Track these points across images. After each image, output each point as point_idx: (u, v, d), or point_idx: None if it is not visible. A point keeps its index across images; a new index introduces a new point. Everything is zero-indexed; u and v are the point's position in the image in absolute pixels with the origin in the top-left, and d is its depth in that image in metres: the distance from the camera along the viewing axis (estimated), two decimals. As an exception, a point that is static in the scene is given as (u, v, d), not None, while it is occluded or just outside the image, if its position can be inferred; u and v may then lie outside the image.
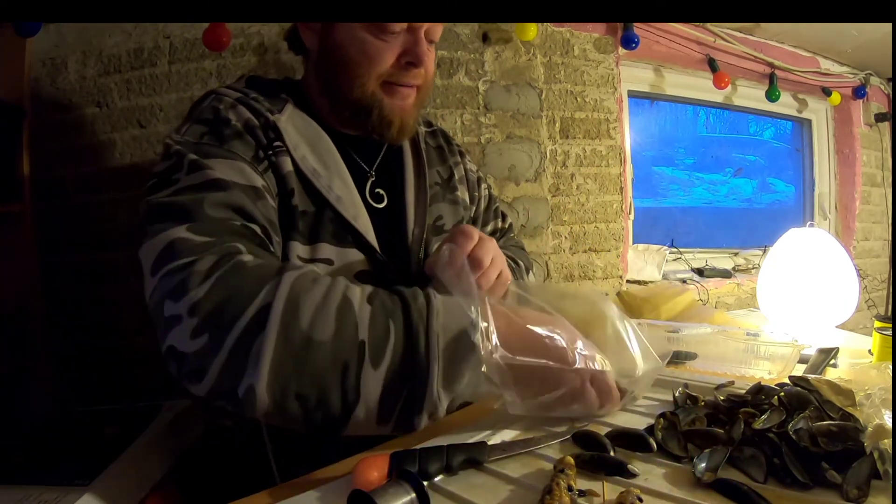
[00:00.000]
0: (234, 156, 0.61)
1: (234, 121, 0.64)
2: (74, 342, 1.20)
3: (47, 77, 1.21)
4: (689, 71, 1.94)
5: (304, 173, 0.67)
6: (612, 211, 1.65)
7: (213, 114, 0.65)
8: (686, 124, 2.25)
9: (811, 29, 1.94)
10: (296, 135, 0.69)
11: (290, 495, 0.46)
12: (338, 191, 0.68)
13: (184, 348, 0.48)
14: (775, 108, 2.21)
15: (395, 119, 0.72)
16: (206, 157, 0.59)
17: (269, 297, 0.47)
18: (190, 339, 0.47)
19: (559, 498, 0.40)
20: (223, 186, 0.57)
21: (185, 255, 0.50)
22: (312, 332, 0.47)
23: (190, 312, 0.47)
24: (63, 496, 0.59)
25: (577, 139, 1.59)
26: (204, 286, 0.48)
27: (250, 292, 0.48)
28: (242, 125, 0.65)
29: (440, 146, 0.89)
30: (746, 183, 2.42)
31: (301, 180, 0.67)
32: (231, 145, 0.62)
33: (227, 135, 0.63)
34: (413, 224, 0.76)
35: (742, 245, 2.24)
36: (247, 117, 0.66)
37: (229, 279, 0.48)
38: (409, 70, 0.70)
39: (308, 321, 0.47)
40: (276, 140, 0.66)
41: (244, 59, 1.27)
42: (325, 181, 0.68)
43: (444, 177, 0.86)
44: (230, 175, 0.59)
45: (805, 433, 0.48)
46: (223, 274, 0.49)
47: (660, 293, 1.63)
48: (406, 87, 0.72)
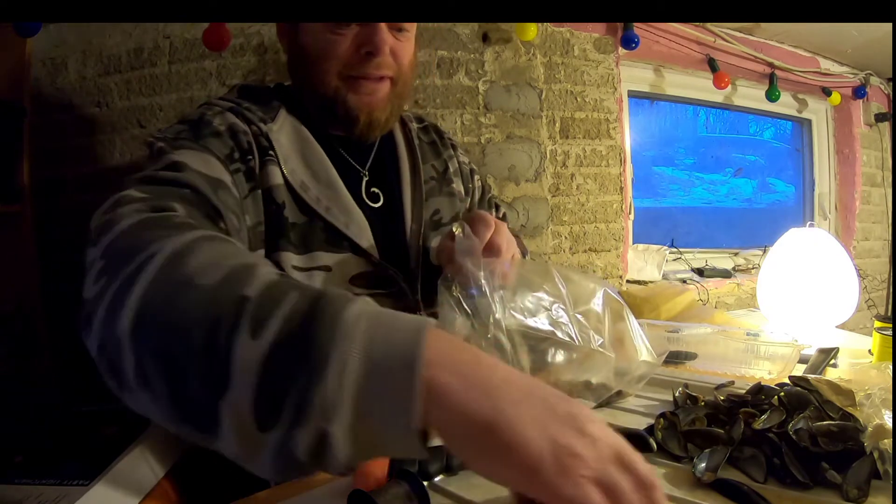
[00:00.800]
0: (204, 150, 0.60)
1: (217, 124, 0.64)
2: (74, 342, 1.19)
3: (47, 77, 1.21)
4: (689, 71, 1.94)
5: (293, 186, 0.66)
6: (612, 211, 1.65)
7: (198, 116, 0.65)
8: (686, 124, 2.25)
9: (811, 29, 1.94)
10: (288, 145, 0.69)
11: (290, 495, 0.46)
12: (327, 202, 0.68)
13: (86, 294, 0.40)
14: (775, 108, 2.21)
15: (362, 114, 0.70)
16: (175, 148, 0.58)
17: (170, 244, 0.38)
18: (93, 284, 0.40)
19: None
20: (179, 167, 0.55)
21: (121, 204, 0.46)
22: (196, 276, 0.36)
23: (102, 255, 0.41)
24: (63, 496, 0.59)
25: (578, 139, 1.59)
26: (120, 226, 0.42)
27: (158, 237, 0.39)
28: (225, 128, 0.64)
29: (433, 141, 0.89)
30: (746, 183, 2.42)
31: (291, 193, 0.67)
32: (206, 142, 0.61)
33: (205, 133, 0.62)
34: (411, 220, 0.76)
35: (742, 245, 2.24)
36: (232, 122, 0.65)
37: (148, 223, 0.43)
38: (369, 60, 0.68)
39: (198, 264, 0.36)
40: (270, 150, 0.66)
41: (244, 59, 1.27)
42: (314, 193, 0.68)
43: (440, 170, 0.86)
44: (194, 163, 0.57)
45: (805, 433, 0.48)
46: (145, 219, 0.43)
47: (660, 293, 1.63)
48: (371, 81, 0.70)
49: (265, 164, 0.65)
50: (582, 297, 0.60)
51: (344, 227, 0.68)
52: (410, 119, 0.88)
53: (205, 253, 0.38)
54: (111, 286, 0.37)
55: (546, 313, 0.57)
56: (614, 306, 0.61)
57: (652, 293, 1.63)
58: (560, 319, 0.57)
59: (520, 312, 0.55)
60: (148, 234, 0.40)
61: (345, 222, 0.68)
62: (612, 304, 0.61)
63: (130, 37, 1.23)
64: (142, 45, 1.23)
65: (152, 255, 0.37)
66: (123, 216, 0.43)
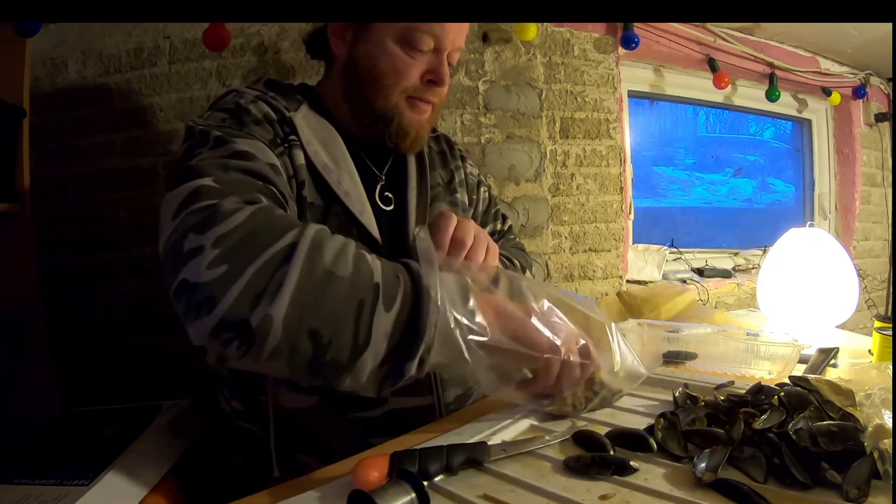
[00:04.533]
0: (253, 137, 0.64)
1: (254, 111, 0.68)
2: (74, 342, 1.20)
3: (47, 77, 1.21)
4: (689, 71, 1.94)
5: (315, 167, 0.69)
6: (612, 211, 1.65)
7: (235, 105, 0.68)
8: (686, 124, 2.25)
9: (811, 29, 1.94)
10: (309, 131, 0.72)
11: (290, 495, 0.46)
12: (346, 186, 0.71)
13: (198, 279, 0.46)
14: (775, 108, 2.21)
15: (412, 131, 0.76)
16: (230, 136, 0.62)
17: (296, 238, 0.48)
18: (206, 270, 0.46)
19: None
20: (248, 157, 0.60)
21: (211, 196, 0.51)
22: (335, 268, 0.48)
23: (215, 244, 0.47)
24: (63, 496, 0.59)
25: (577, 139, 1.59)
26: (233, 220, 0.48)
27: (278, 232, 0.48)
28: (262, 116, 0.68)
29: (442, 151, 0.92)
30: (746, 183, 2.42)
31: (312, 174, 0.69)
32: (251, 129, 0.66)
33: (247, 121, 0.67)
34: (414, 225, 0.77)
35: (742, 245, 2.24)
36: (265, 111, 0.69)
37: (259, 216, 0.50)
38: (431, 88, 0.74)
39: (331, 259, 0.48)
40: (291, 134, 0.70)
41: (244, 59, 1.27)
42: (335, 176, 0.71)
43: (445, 180, 0.89)
44: (253, 150, 0.62)
45: (805, 433, 0.48)
46: (254, 211, 0.50)
47: (660, 293, 1.63)
48: (425, 103, 0.76)
49: (290, 145, 0.69)
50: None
51: (358, 214, 0.71)
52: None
53: (329, 246, 0.49)
54: (244, 272, 0.45)
55: None
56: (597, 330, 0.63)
57: (652, 293, 1.64)
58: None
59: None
60: (265, 228, 0.49)
61: (360, 210, 0.71)
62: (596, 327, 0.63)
63: (130, 37, 1.23)
64: (142, 45, 1.23)
65: (291, 248, 0.47)
66: (227, 209, 0.49)
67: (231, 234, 0.47)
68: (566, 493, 0.44)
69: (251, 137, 0.64)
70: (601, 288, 1.64)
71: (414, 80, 0.73)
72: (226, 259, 0.46)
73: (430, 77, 0.74)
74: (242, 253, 0.46)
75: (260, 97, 0.70)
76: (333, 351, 0.47)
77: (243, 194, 0.53)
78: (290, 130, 0.70)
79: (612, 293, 1.65)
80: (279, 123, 0.69)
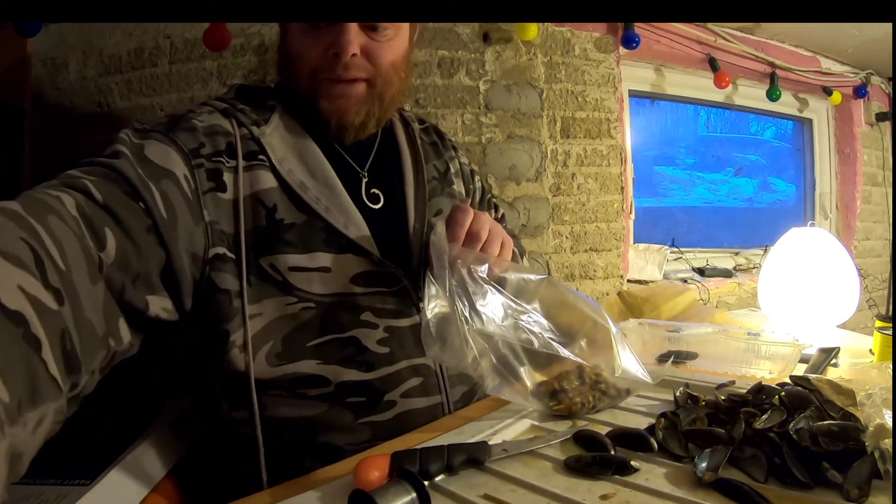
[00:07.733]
0: (170, 142, 0.61)
1: (196, 122, 0.64)
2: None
3: (48, 77, 1.21)
4: (690, 70, 1.93)
5: (290, 187, 0.66)
6: (613, 210, 1.65)
7: (184, 113, 0.66)
8: (687, 124, 2.25)
9: (812, 29, 1.93)
10: (282, 147, 0.68)
11: (290, 495, 0.46)
12: (326, 201, 0.68)
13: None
14: (776, 108, 2.21)
15: (332, 118, 0.70)
16: (141, 138, 0.60)
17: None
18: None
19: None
20: (118, 156, 0.58)
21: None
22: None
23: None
24: (63, 496, 0.59)
25: (578, 139, 1.59)
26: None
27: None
28: (204, 126, 0.65)
29: (434, 142, 0.90)
30: (747, 182, 2.41)
31: (287, 193, 0.66)
32: (176, 135, 0.62)
33: (179, 128, 0.63)
34: (413, 219, 0.76)
35: (743, 245, 2.24)
36: (216, 123, 0.66)
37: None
38: (337, 61, 0.67)
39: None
40: (260, 154, 0.66)
41: (244, 59, 1.27)
42: (314, 193, 0.67)
43: (441, 171, 0.86)
44: (150, 153, 0.59)
45: (806, 433, 0.48)
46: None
47: (660, 293, 1.63)
48: (342, 83, 0.69)
49: (252, 168, 0.65)
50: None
51: (343, 227, 0.67)
52: (413, 119, 0.88)
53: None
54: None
55: (514, 321, 0.60)
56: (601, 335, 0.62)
57: (653, 293, 1.63)
58: (531, 328, 0.60)
59: (480, 317, 0.59)
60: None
61: (343, 223, 0.68)
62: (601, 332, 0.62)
63: (131, 37, 1.23)
64: (142, 45, 1.23)
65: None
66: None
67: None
68: (567, 492, 0.44)
69: (167, 142, 0.60)
70: (602, 287, 1.64)
71: (315, 58, 0.68)
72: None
73: (333, 50, 0.67)
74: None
75: (226, 110, 0.68)
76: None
77: (69, 179, 0.53)
78: (259, 149, 0.66)
79: (612, 293, 1.65)
80: (241, 139, 0.66)
